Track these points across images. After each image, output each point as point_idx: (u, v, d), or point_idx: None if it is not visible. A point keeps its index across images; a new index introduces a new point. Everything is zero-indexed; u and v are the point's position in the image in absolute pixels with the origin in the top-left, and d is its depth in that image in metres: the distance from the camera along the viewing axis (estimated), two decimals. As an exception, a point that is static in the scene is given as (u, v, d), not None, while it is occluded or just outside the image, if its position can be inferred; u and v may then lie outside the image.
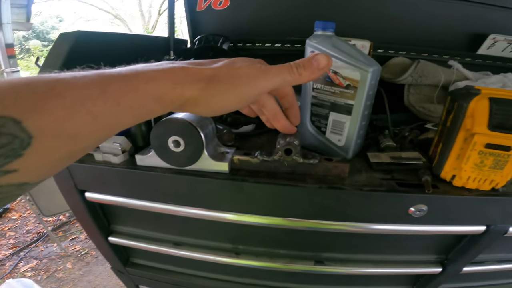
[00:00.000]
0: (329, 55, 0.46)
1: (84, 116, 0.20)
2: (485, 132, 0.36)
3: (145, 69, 0.25)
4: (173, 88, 0.25)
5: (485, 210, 0.46)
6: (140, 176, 0.48)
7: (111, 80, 0.22)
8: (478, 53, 0.81)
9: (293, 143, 0.42)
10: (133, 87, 0.23)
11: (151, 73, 0.25)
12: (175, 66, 0.26)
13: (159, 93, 0.25)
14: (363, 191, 0.43)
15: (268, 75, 0.30)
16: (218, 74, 0.28)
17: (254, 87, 0.29)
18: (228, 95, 0.29)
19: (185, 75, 0.26)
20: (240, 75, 0.29)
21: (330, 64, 0.32)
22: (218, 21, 0.86)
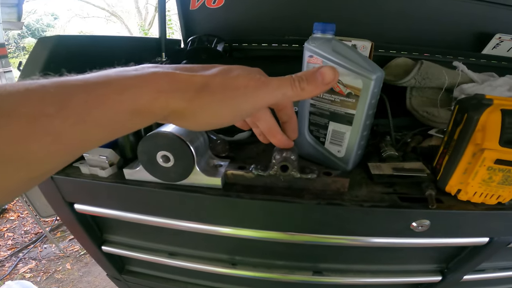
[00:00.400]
0: (329, 60, 0.44)
1: (42, 137, 0.17)
2: (496, 148, 0.34)
3: (120, 75, 0.21)
4: (156, 98, 0.21)
5: (489, 223, 0.44)
6: (129, 191, 0.46)
7: (73, 92, 0.18)
8: (483, 53, 0.78)
9: (289, 159, 0.39)
10: (101, 100, 0.19)
11: (126, 80, 0.21)
12: (159, 71, 0.23)
13: (137, 105, 0.21)
14: (364, 207, 0.41)
15: (268, 89, 0.26)
16: (211, 83, 0.24)
17: (251, 101, 0.26)
18: (221, 108, 0.25)
19: (170, 83, 0.22)
20: (236, 86, 0.25)
21: (336, 79, 0.28)
22: (212, 20, 0.82)
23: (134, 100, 0.21)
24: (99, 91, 0.19)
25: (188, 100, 0.23)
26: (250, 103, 0.26)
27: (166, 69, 0.23)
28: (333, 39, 0.45)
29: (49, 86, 0.18)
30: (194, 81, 0.24)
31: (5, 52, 1.90)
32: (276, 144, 0.36)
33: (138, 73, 0.22)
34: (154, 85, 0.22)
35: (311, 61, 0.46)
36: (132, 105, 0.21)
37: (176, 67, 0.25)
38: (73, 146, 0.19)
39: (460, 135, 0.38)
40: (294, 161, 0.40)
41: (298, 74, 0.28)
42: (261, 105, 0.27)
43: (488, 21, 0.76)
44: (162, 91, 0.22)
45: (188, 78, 0.24)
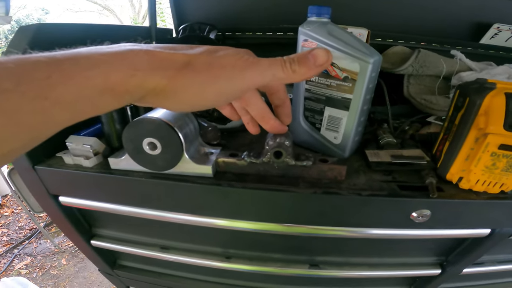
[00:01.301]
0: (324, 44, 0.42)
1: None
2: (500, 132, 0.32)
3: (91, 51, 0.19)
4: (131, 75, 0.20)
5: (491, 214, 0.42)
6: (116, 181, 0.44)
7: (35, 67, 0.17)
8: (481, 42, 0.76)
9: (283, 144, 0.37)
10: (67, 75, 0.17)
11: (98, 56, 0.19)
12: (137, 49, 0.21)
13: (109, 82, 0.19)
14: (362, 196, 0.39)
15: (257, 69, 0.24)
16: (195, 61, 0.22)
17: (238, 81, 0.24)
18: (205, 88, 0.23)
19: (149, 60, 0.21)
20: (222, 65, 0.23)
21: (330, 60, 0.26)
22: (205, 8, 0.79)
23: (105, 77, 0.19)
24: (65, 66, 0.18)
25: (168, 78, 0.21)
26: (237, 83, 0.24)
27: (146, 47, 0.21)
28: (328, 22, 0.43)
29: (8, 61, 0.16)
30: (175, 59, 0.22)
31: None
32: (269, 130, 0.34)
33: (112, 49, 0.20)
34: (130, 61, 0.20)
35: (306, 45, 0.44)
36: (102, 82, 0.19)
37: (157, 46, 0.23)
38: (32, 126, 0.17)
39: (461, 119, 0.36)
40: (289, 147, 0.38)
41: (290, 56, 0.26)
42: (248, 86, 0.25)
43: (487, 11, 0.74)
44: (138, 69, 0.20)
45: (169, 56, 0.22)
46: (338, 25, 0.44)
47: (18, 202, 1.82)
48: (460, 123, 0.37)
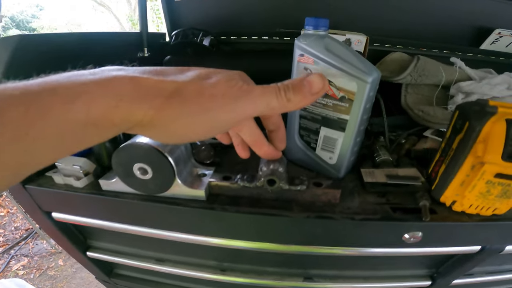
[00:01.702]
0: (321, 60, 0.40)
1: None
2: (497, 162, 0.32)
3: (70, 80, 0.17)
4: (115, 106, 0.18)
5: (482, 233, 0.43)
6: (108, 202, 0.43)
7: (10, 103, 0.15)
8: (481, 48, 0.75)
9: (277, 171, 0.36)
10: (45, 110, 0.16)
11: (78, 86, 0.17)
12: (120, 75, 0.19)
13: (92, 115, 0.17)
14: (355, 220, 0.38)
15: (250, 98, 0.23)
16: (184, 89, 0.21)
17: (230, 112, 0.22)
18: (195, 120, 0.21)
19: (134, 88, 0.19)
20: (213, 94, 0.21)
21: (326, 88, 0.25)
22: (199, 12, 0.76)
23: (87, 110, 0.17)
24: (43, 100, 0.16)
25: (156, 109, 0.20)
26: (229, 114, 0.22)
27: (131, 73, 0.20)
28: (326, 36, 0.41)
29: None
30: (163, 87, 0.20)
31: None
32: (262, 156, 0.32)
33: (94, 77, 0.18)
34: (113, 91, 0.18)
35: (302, 60, 0.43)
36: (85, 115, 0.17)
37: (144, 70, 0.21)
38: (16, 164, 0.16)
39: (459, 145, 0.36)
40: (282, 173, 0.37)
41: (284, 82, 0.24)
42: (241, 117, 0.23)
43: (488, 16, 0.72)
44: (123, 99, 0.18)
45: (156, 84, 0.20)
46: (336, 39, 0.42)
47: (13, 202, 1.81)
48: (457, 148, 0.36)
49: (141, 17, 0.66)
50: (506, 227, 0.41)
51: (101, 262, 0.65)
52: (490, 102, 0.34)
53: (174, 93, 0.20)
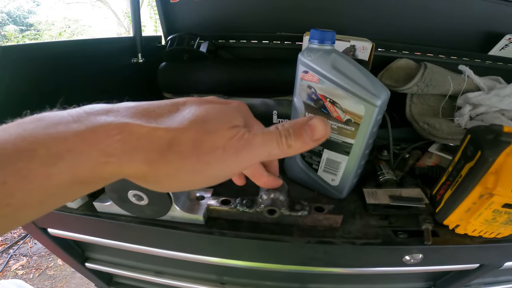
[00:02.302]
0: (327, 79, 0.37)
1: None
2: (508, 195, 0.30)
3: (50, 135, 0.15)
4: (104, 163, 0.16)
5: (483, 254, 0.42)
6: (103, 224, 0.42)
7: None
8: (490, 54, 0.72)
9: (277, 200, 0.35)
10: (24, 178, 0.14)
11: (59, 143, 0.15)
12: (109, 122, 0.17)
13: (78, 175, 0.16)
14: (356, 245, 0.38)
15: (251, 149, 0.21)
16: (180, 140, 0.19)
17: (231, 166, 0.21)
18: (193, 176, 0.19)
19: (124, 140, 0.17)
20: (212, 147, 0.20)
21: (327, 135, 0.23)
22: (196, 14, 0.73)
23: (72, 171, 0.16)
24: (21, 165, 0.14)
25: (149, 164, 0.18)
26: (230, 168, 0.21)
27: (120, 117, 0.17)
28: (333, 51, 0.38)
29: None
30: (156, 137, 0.18)
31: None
32: (262, 186, 0.31)
33: (77, 128, 0.16)
34: (101, 146, 0.16)
35: (306, 78, 0.40)
36: (70, 176, 0.16)
37: (135, 112, 0.19)
38: (2, 229, 0.15)
39: (469, 173, 0.34)
40: (283, 201, 0.36)
41: (285, 126, 0.22)
42: (242, 169, 0.22)
43: (499, 20, 0.69)
44: (112, 154, 0.17)
45: (148, 133, 0.18)
46: (343, 55, 0.39)
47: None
48: (467, 176, 0.35)
49: (134, 22, 0.63)
50: (506, 248, 0.41)
51: (99, 272, 0.65)
52: (505, 128, 0.33)
53: (169, 144, 0.18)
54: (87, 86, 0.55)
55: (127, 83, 0.67)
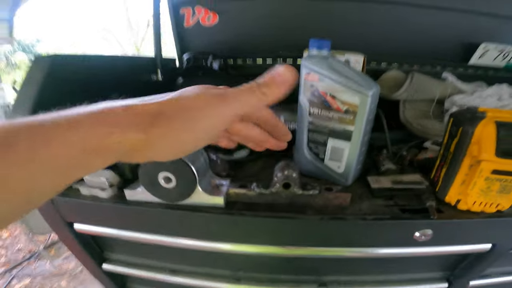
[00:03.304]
0: (326, 77, 0.45)
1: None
2: (492, 159, 0.35)
3: (69, 113, 0.20)
4: (110, 133, 0.20)
5: (490, 230, 0.45)
6: (131, 211, 0.46)
7: (20, 132, 0.17)
8: (470, 63, 0.81)
9: (291, 177, 0.40)
10: (47, 138, 0.18)
11: (76, 117, 0.19)
12: (114, 106, 0.21)
13: (89, 142, 0.19)
14: (367, 221, 0.41)
15: (226, 101, 0.24)
16: (166, 108, 0.23)
17: (212, 119, 0.24)
18: (181, 134, 0.23)
19: (125, 115, 0.21)
20: (192, 106, 0.24)
21: (295, 76, 0.26)
22: (207, 38, 0.84)
23: (84, 138, 0.19)
24: (46, 128, 0.18)
25: (144, 131, 0.22)
26: (211, 121, 0.24)
27: (124, 103, 0.22)
28: (329, 56, 0.46)
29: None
30: (147, 110, 0.22)
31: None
32: (271, 148, 0.32)
33: (90, 109, 0.20)
34: (107, 119, 0.21)
35: (308, 78, 0.47)
36: (83, 143, 0.19)
37: (133, 100, 0.23)
38: (25, 191, 0.18)
39: (456, 148, 0.39)
40: (296, 178, 0.40)
41: (256, 80, 0.26)
42: (224, 121, 0.25)
43: (474, 31, 0.79)
44: (116, 125, 0.21)
45: (143, 108, 0.22)
46: (338, 59, 0.47)
47: (17, 223, 1.80)
48: (455, 151, 0.40)
49: (155, 42, 0.73)
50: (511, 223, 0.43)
51: (114, 276, 0.66)
52: (479, 109, 0.38)
53: (157, 113, 0.22)
54: (108, 94, 0.63)
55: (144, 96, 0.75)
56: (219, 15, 0.80)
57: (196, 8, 0.79)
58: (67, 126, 0.19)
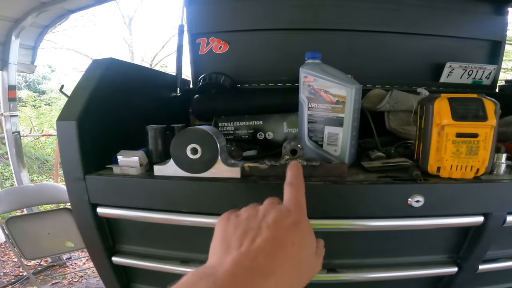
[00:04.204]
0: (319, 78, 0.57)
1: None
2: (452, 123, 0.45)
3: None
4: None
5: (476, 197, 0.50)
6: (157, 185, 0.52)
7: None
8: (441, 81, 0.96)
9: (297, 146, 0.48)
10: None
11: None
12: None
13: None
14: (364, 185, 0.48)
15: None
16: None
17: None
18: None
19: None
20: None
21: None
22: (218, 63, 1.00)
23: None
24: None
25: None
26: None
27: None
28: (320, 63, 0.60)
29: None
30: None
31: (14, 95, 1.88)
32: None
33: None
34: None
35: (306, 80, 0.60)
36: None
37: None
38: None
39: (425, 122, 0.50)
40: (301, 148, 0.49)
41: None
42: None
43: (439, 52, 0.97)
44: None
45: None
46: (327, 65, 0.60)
47: (10, 247, 1.73)
48: (424, 125, 0.50)
49: (177, 64, 0.88)
50: (490, 188, 0.49)
51: (120, 273, 0.66)
52: (435, 95, 0.50)
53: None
54: (139, 100, 0.74)
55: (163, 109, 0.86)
56: (229, 44, 0.97)
57: (210, 39, 0.96)
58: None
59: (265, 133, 0.79)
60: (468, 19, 1.04)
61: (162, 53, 6.69)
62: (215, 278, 0.20)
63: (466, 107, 0.46)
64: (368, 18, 1.00)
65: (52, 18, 1.75)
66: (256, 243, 0.24)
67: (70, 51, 6.95)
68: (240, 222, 0.27)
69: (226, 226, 0.28)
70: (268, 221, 0.26)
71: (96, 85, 0.55)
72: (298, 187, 0.32)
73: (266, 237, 0.24)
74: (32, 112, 5.60)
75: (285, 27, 1.00)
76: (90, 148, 0.54)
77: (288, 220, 0.27)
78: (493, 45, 1.08)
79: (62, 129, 0.53)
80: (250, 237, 0.25)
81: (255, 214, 0.28)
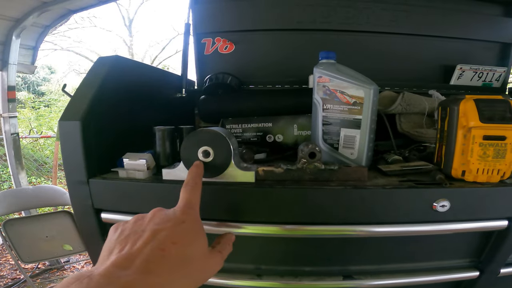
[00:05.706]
0: (335, 78, 0.55)
1: None
2: (479, 125, 0.43)
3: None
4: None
5: (501, 201, 0.48)
6: (165, 189, 0.49)
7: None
8: (451, 83, 0.94)
9: (315, 149, 0.46)
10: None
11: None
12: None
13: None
14: (386, 189, 0.45)
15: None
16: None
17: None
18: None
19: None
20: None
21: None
22: (223, 64, 0.97)
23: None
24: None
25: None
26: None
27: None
28: (335, 63, 0.58)
29: None
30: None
31: (13, 95, 1.86)
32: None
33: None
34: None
35: (320, 81, 0.58)
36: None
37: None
38: None
39: (449, 125, 0.48)
40: (319, 152, 0.46)
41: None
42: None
43: (450, 54, 0.95)
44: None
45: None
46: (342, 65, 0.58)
47: (7, 250, 1.70)
48: (448, 128, 0.48)
49: (183, 65, 0.86)
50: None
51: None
52: (458, 96, 0.48)
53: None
54: (145, 100, 0.71)
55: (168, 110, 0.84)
56: (235, 45, 0.95)
57: (216, 39, 0.94)
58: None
59: (274, 136, 0.76)
60: (478, 21, 1.02)
61: (162, 55, 6.71)
62: (89, 280, 0.21)
63: (493, 108, 0.44)
64: (378, 19, 0.98)
65: (54, 18, 1.73)
66: (136, 246, 0.26)
67: (69, 52, 6.95)
68: (126, 229, 0.29)
69: (113, 235, 0.29)
70: (151, 224, 0.29)
71: (101, 83, 0.52)
72: (192, 188, 0.35)
73: (146, 238, 0.26)
74: (31, 114, 5.55)
75: (293, 28, 0.98)
76: (94, 150, 0.51)
77: (172, 221, 0.29)
78: (503, 47, 1.07)
79: (65, 129, 0.50)
80: (132, 241, 0.26)
81: (141, 219, 0.30)
